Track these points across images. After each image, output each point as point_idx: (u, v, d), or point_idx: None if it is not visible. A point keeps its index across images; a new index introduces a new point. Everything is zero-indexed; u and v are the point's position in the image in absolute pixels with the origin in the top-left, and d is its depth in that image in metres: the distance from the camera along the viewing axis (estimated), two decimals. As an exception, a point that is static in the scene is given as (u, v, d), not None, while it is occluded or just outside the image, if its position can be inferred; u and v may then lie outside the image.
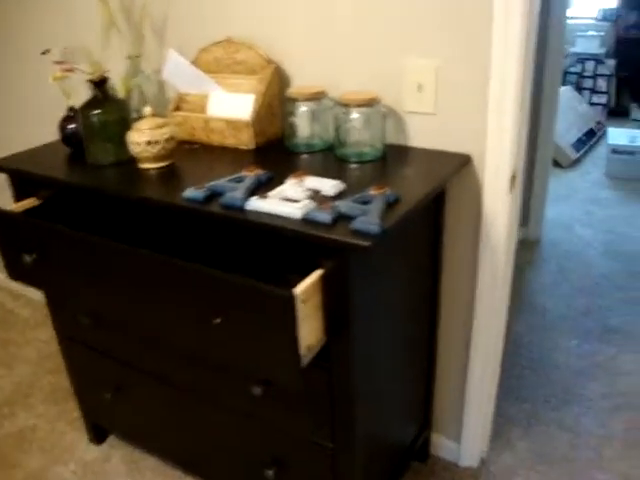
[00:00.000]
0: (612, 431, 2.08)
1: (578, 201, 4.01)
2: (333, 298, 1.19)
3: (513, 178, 1.49)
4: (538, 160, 3.29)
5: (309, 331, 1.17)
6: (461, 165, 1.46)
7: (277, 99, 1.65)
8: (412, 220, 1.39)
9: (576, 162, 4.72)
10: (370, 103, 1.45)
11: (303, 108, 1.54)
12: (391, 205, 1.19)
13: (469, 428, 1.89)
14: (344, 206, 1.16)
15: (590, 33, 6.03)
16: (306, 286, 1.12)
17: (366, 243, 1.06)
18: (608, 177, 4.42)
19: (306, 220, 1.15)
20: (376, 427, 1.52)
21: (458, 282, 1.68)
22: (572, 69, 6.05)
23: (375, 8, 1.48)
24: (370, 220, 1.08)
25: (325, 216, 1.13)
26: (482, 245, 1.58)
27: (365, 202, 1.18)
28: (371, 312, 1.31)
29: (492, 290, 1.63)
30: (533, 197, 3.36)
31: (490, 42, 1.37)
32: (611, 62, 5.96)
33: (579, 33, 6.09)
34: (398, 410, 1.68)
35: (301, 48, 1.64)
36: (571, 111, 5.22)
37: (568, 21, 6.25)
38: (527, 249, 3.36)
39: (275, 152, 1.58)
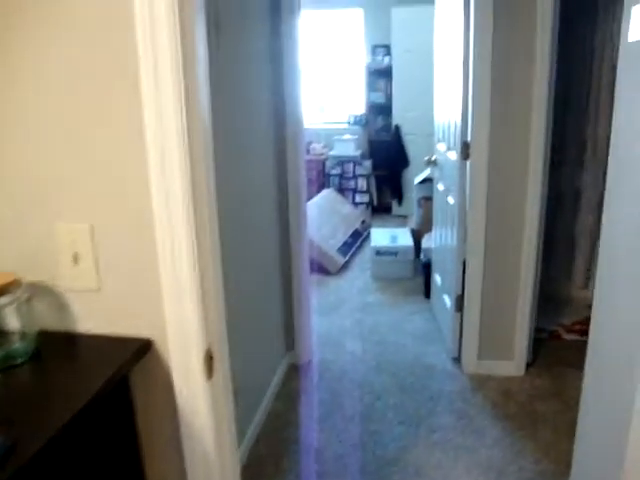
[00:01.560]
0: None
1: (348, 310, 3.90)
2: None
3: (209, 359, 1.19)
4: (295, 282, 3.12)
5: None
6: (136, 355, 1.13)
7: None
8: (58, 451, 1.01)
9: (344, 267, 4.68)
10: (4, 289, 1.09)
11: None
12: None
13: None
14: None
15: (346, 137, 6.30)
16: None
17: None
18: (374, 279, 4.41)
19: None
20: None
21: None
22: (333, 171, 6.22)
23: (17, 169, 1.15)
24: None
25: None
26: (187, 453, 1.23)
27: (-47, 465, 0.80)
28: None
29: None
30: (295, 318, 3.15)
31: (151, 210, 1.10)
32: (368, 163, 6.24)
33: (336, 137, 6.33)
34: None
35: None
36: (335, 214, 5.28)
37: (325, 126, 6.63)
38: (296, 376, 3.10)
39: None
